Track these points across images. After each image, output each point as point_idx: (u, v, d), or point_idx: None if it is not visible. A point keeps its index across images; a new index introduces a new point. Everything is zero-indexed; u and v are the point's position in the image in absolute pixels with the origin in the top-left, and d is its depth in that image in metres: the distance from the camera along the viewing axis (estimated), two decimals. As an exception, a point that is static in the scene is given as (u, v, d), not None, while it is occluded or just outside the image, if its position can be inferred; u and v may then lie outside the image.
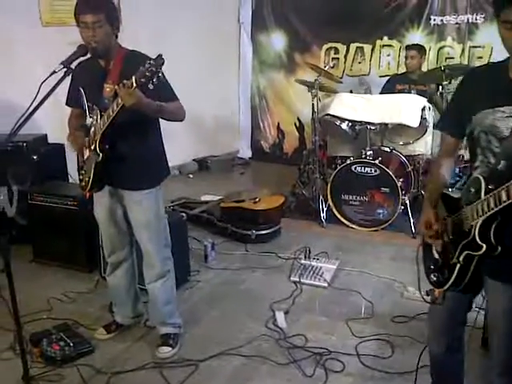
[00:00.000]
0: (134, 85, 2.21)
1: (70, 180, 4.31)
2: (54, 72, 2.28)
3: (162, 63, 2.20)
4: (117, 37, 2.54)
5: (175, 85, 2.58)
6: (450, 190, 1.95)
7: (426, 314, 2.26)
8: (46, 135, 4.38)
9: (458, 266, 1.79)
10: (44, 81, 2.20)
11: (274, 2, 6.54)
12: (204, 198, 5.20)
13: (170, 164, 2.84)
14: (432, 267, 1.96)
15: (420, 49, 5.06)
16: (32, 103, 2.14)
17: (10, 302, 2.19)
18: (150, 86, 2.21)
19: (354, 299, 3.42)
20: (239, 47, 6.86)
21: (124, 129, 2.46)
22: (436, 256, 1.94)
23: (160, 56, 2.20)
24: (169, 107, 2.48)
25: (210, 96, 6.33)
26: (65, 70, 2.32)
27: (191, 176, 6.41)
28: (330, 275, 3.67)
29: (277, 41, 6.65)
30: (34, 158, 4.11)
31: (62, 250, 3.81)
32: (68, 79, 2.43)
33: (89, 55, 2.47)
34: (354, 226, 4.55)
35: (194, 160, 6.63)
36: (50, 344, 2.80)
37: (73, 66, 2.38)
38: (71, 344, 2.81)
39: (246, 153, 7.11)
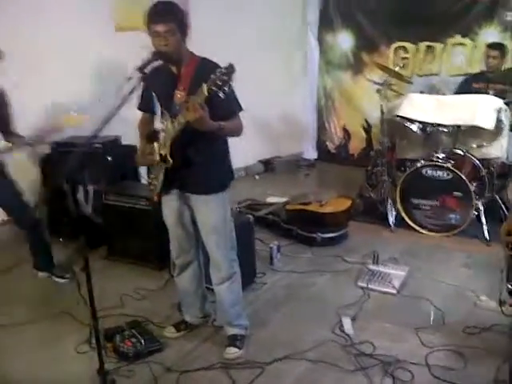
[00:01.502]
0: (205, 92, 2.24)
1: (142, 180, 4.45)
2: (130, 78, 2.37)
3: (234, 72, 2.22)
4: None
5: (241, 86, 2.57)
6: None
7: (500, 325, 2.17)
8: (119, 137, 4.54)
9: None
10: (121, 86, 2.29)
11: (341, 1, 6.46)
12: (270, 199, 5.22)
13: (235, 165, 2.87)
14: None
15: (502, 48, 4.83)
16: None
17: (88, 299, 2.30)
18: (221, 95, 2.24)
19: (424, 307, 3.32)
20: (306, 48, 6.83)
21: (192, 135, 2.50)
22: None
23: (231, 65, 2.22)
24: (228, 127, 2.52)
25: (275, 97, 6.35)
26: (139, 75, 2.40)
27: (257, 177, 6.45)
28: (398, 282, 3.59)
29: (344, 41, 6.56)
30: (109, 158, 4.28)
31: (135, 248, 3.95)
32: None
33: (161, 61, 2.54)
34: (424, 231, 4.42)
35: (259, 161, 6.67)
36: (122, 340, 2.91)
37: (146, 71, 2.46)
38: (142, 341, 2.90)
39: (312, 154, 7.06)
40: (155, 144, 2.66)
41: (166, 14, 2.46)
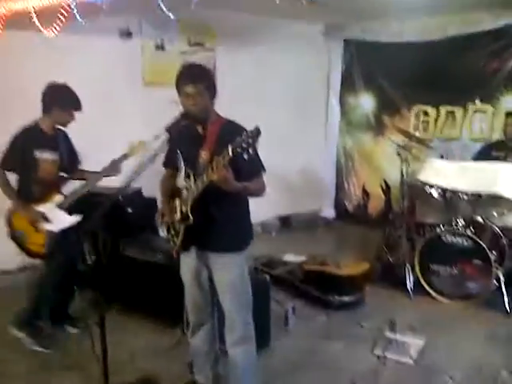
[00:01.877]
0: (230, 154, 2.27)
1: (161, 234, 4.44)
2: (158, 137, 2.42)
3: (259, 135, 2.25)
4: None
5: (263, 142, 2.56)
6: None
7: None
8: (140, 189, 4.59)
9: None
10: (149, 144, 2.35)
11: (364, 65, 6.62)
12: (286, 257, 5.17)
13: (252, 220, 2.86)
14: None
15: (522, 117, 4.86)
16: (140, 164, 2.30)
17: (101, 355, 2.27)
18: (245, 157, 2.27)
19: (442, 380, 3.20)
20: (327, 108, 6.96)
21: (215, 194, 2.51)
22: None
23: (257, 128, 2.26)
24: (251, 187, 2.55)
25: (295, 154, 6.46)
26: (167, 134, 2.46)
27: (274, 233, 6.43)
28: (416, 351, 3.49)
29: (365, 102, 6.69)
30: (129, 210, 4.30)
31: (149, 302, 3.90)
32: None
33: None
34: (442, 299, 4.33)
35: (276, 217, 6.67)
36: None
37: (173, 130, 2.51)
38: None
39: (330, 212, 7.06)
40: (177, 201, 2.68)
41: (196, 75, 2.54)
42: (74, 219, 3.30)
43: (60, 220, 3.30)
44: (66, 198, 3.31)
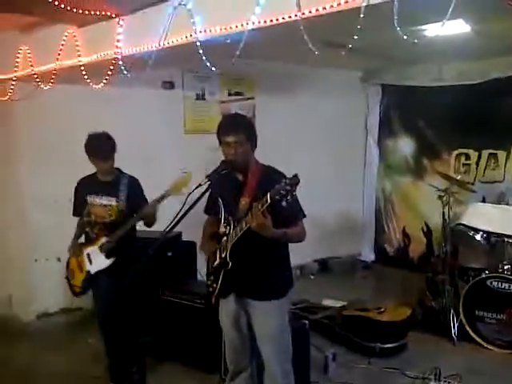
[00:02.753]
0: (269, 201, 2.31)
1: (199, 277, 4.49)
2: (200, 185, 2.50)
3: (298, 183, 2.28)
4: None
5: (303, 187, 2.54)
6: None
7: None
8: (180, 233, 4.67)
9: None
10: (191, 192, 2.43)
11: (402, 107, 6.63)
12: (325, 301, 5.10)
13: (291, 263, 2.86)
14: None
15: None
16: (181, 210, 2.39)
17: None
18: (284, 204, 2.30)
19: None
20: (365, 151, 6.98)
21: (254, 240, 2.53)
22: None
23: (296, 176, 2.29)
24: (291, 233, 2.57)
25: (334, 197, 6.46)
26: (208, 182, 2.53)
27: (312, 277, 6.37)
28: (462, 401, 3.35)
29: (404, 146, 6.66)
30: (169, 254, 4.37)
31: (186, 347, 3.89)
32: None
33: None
34: (489, 347, 4.17)
35: (315, 260, 6.62)
36: None
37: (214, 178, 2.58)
38: None
39: (369, 256, 6.97)
40: (217, 247, 2.72)
41: (237, 126, 2.62)
42: (109, 262, 3.39)
43: (97, 262, 3.40)
44: (107, 241, 3.40)
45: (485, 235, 4.42)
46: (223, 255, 2.64)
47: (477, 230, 4.42)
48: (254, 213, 2.38)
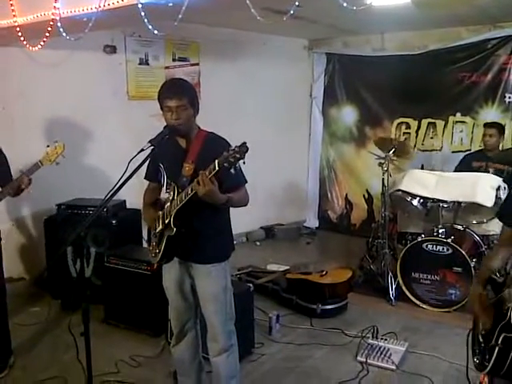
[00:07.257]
0: (217, 168, 2.32)
1: (144, 245, 4.48)
2: (142, 150, 2.48)
3: (246, 151, 2.28)
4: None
5: (247, 155, 2.57)
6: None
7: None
8: (124, 201, 4.63)
9: (497, 348, 1.74)
10: (133, 158, 2.40)
11: (346, 76, 6.74)
12: (270, 266, 5.23)
13: (237, 231, 2.91)
14: (476, 350, 1.94)
15: (499, 127, 4.95)
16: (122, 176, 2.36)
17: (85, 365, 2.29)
18: (232, 171, 2.32)
19: (423, 385, 3.27)
20: (310, 120, 7.06)
21: (198, 205, 2.55)
22: (480, 339, 1.92)
23: (245, 143, 2.29)
24: (235, 198, 2.59)
25: (280, 166, 6.54)
26: (151, 147, 2.51)
27: (258, 243, 6.48)
28: (398, 357, 3.55)
29: (348, 115, 6.79)
30: (113, 222, 4.34)
31: (132, 312, 3.93)
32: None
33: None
34: (424, 306, 4.40)
35: (261, 227, 6.73)
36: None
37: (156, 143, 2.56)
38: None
39: (313, 222, 7.14)
40: (159, 212, 2.73)
41: (179, 90, 2.58)
42: None
43: None
44: None
45: (421, 201, 4.58)
46: (166, 221, 2.65)
47: (414, 196, 4.58)
48: (201, 179, 2.38)
